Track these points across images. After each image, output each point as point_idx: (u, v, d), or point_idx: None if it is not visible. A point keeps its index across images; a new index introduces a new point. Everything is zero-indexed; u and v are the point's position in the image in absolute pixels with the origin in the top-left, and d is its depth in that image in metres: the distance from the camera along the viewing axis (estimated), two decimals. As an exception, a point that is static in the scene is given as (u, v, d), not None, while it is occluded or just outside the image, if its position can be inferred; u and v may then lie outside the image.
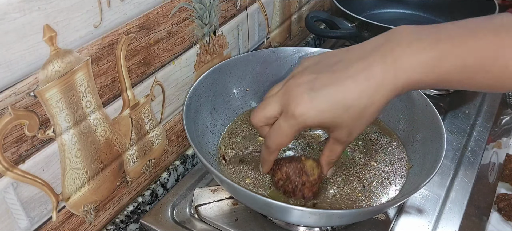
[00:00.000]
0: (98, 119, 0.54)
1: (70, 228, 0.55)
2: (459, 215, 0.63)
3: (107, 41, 0.51)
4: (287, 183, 0.54)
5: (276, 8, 0.87)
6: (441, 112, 0.79)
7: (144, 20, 0.55)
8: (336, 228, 0.60)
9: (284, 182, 0.54)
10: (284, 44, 0.95)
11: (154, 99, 0.62)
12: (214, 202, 0.63)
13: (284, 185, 0.54)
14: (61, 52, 0.46)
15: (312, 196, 0.54)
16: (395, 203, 0.54)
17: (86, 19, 0.47)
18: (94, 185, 0.56)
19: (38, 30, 0.43)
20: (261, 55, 0.74)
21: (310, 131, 0.69)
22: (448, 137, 0.73)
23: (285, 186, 0.54)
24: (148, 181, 0.66)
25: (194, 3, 0.63)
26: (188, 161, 0.72)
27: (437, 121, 0.61)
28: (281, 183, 0.54)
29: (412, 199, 0.65)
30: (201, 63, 0.69)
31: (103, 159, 0.56)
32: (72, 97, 0.49)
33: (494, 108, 0.84)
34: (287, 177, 0.54)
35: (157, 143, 0.65)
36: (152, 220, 0.62)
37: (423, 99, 0.65)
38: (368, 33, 0.84)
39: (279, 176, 0.54)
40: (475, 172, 0.70)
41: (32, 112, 0.45)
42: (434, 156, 0.58)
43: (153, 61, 0.59)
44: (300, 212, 0.49)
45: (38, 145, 0.47)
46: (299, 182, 0.53)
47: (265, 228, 0.60)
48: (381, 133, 0.69)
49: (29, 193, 0.48)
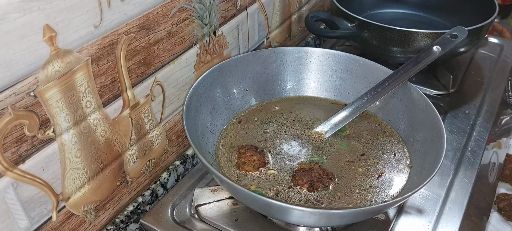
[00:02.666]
0: (98, 119, 0.54)
1: (70, 228, 0.55)
2: (459, 215, 0.63)
3: (107, 41, 0.51)
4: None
5: (276, 8, 0.87)
6: (441, 112, 0.79)
7: (144, 20, 0.55)
8: (336, 228, 0.60)
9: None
10: (284, 44, 0.95)
11: (154, 99, 0.62)
12: (214, 202, 0.63)
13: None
14: (61, 52, 0.46)
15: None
16: (395, 203, 0.54)
17: (86, 19, 0.47)
18: (94, 185, 0.56)
19: (38, 30, 0.43)
20: (261, 55, 0.75)
21: (313, 129, 0.69)
22: (448, 137, 0.73)
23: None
24: (148, 181, 0.66)
25: (194, 3, 0.63)
26: (188, 161, 0.72)
27: (437, 121, 0.61)
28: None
29: (412, 199, 0.65)
30: (201, 63, 0.69)
31: (103, 159, 0.56)
32: (72, 97, 0.49)
33: (494, 108, 0.84)
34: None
35: (157, 143, 0.65)
36: (152, 220, 0.62)
37: (423, 99, 0.65)
38: (368, 33, 0.84)
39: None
40: (475, 172, 0.70)
41: (32, 112, 0.45)
42: (434, 156, 0.58)
43: (153, 61, 0.59)
44: (300, 212, 0.49)
45: (38, 145, 0.47)
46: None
47: (265, 228, 0.60)
48: (381, 133, 0.69)
49: (29, 193, 0.48)
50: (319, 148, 0.66)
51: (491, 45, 1.03)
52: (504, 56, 0.99)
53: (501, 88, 0.89)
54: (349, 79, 0.75)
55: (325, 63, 0.76)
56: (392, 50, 0.83)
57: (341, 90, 0.76)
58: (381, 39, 0.83)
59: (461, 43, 0.72)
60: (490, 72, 0.94)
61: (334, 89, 0.77)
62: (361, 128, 0.70)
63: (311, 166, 0.62)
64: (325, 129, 0.68)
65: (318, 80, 0.77)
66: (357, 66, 0.75)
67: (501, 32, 1.30)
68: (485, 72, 0.94)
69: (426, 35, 0.78)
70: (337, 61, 0.76)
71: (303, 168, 0.61)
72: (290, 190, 0.59)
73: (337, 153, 0.65)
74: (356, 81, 0.75)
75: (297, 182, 0.59)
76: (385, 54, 0.85)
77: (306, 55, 0.76)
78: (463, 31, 0.70)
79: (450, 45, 0.69)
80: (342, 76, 0.76)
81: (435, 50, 0.68)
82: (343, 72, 0.76)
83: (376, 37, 0.83)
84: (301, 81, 0.77)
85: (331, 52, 0.76)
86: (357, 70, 0.75)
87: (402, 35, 0.80)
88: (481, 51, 1.01)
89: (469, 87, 0.89)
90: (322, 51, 0.76)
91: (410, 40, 0.80)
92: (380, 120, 0.72)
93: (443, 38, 0.70)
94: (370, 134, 0.69)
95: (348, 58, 0.75)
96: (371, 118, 0.72)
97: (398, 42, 0.81)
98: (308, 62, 0.76)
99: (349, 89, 0.76)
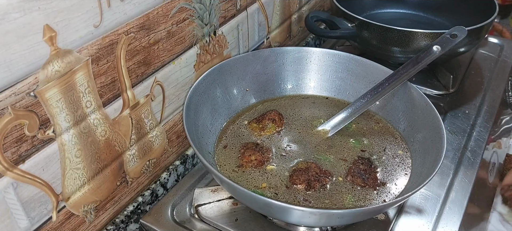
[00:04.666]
0: (98, 119, 0.54)
1: (70, 228, 0.55)
2: (459, 215, 0.63)
3: (107, 41, 0.51)
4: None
5: (276, 8, 0.87)
6: (441, 112, 0.79)
7: (144, 20, 0.55)
8: (336, 228, 0.60)
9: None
10: (284, 44, 0.95)
11: (154, 99, 0.62)
12: (214, 202, 0.63)
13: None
14: (61, 52, 0.46)
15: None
16: (395, 203, 0.54)
17: (86, 19, 0.47)
18: (94, 185, 0.56)
19: (38, 30, 0.43)
20: (261, 55, 0.74)
21: (317, 128, 0.69)
22: (448, 137, 0.73)
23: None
24: (148, 181, 0.66)
25: (194, 3, 0.63)
26: (188, 161, 0.72)
27: (437, 121, 0.61)
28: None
29: (412, 199, 0.65)
30: (201, 63, 0.69)
31: (103, 159, 0.56)
32: (72, 97, 0.49)
33: (494, 109, 0.84)
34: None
35: (157, 143, 0.65)
36: (152, 220, 0.62)
37: (423, 99, 0.65)
38: (368, 33, 0.84)
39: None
40: (475, 172, 0.70)
41: (32, 112, 0.45)
42: (434, 156, 0.58)
43: (153, 61, 0.59)
44: (300, 212, 0.49)
45: (38, 145, 0.47)
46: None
47: (265, 228, 0.60)
48: (382, 132, 0.69)
49: (29, 193, 0.48)
50: (322, 147, 0.66)
51: (491, 45, 1.03)
52: (504, 56, 1.00)
53: (501, 88, 0.89)
54: (349, 79, 0.75)
55: (325, 63, 0.76)
56: (392, 50, 0.83)
57: (341, 90, 0.76)
58: (381, 39, 0.83)
59: (461, 43, 0.72)
60: (490, 72, 0.94)
61: (334, 89, 0.77)
62: (362, 128, 0.70)
63: (308, 165, 0.62)
64: (326, 128, 0.69)
65: (318, 80, 0.77)
66: (357, 66, 0.75)
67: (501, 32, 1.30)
68: (485, 72, 0.94)
69: (426, 35, 0.78)
70: (337, 61, 0.76)
71: (300, 168, 0.61)
72: (287, 189, 0.59)
73: (337, 153, 0.65)
74: (356, 81, 0.75)
75: (295, 181, 0.59)
76: (385, 54, 0.85)
77: (306, 55, 0.76)
78: (463, 31, 0.70)
79: (450, 45, 0.69)
80: (342, 76, 0.76)
81: (435, 50, 0.68)
82: (343, 72, 0.76)
83: (376, 37, 0.83)
84: (301, 81, 0.77)
85: (331, 52, 0.76)
86: (357, 70, 0.75)
87: (402, 35, 0.80)
88: (481, 51, 1.01)
89: (469, 87, 0.89)
90: (322, 51, 0.76)
91: (410, 40, 0.80)
92: (381, 119, 0.72)
93: (443, 38, 0.70)
94: (370, 133, 0.69)
95: (348, 58, 0.75)
96: (372, 117, 0.72)
97: (398, 42, 0.81)
98: (308, 62, 0.76)
99: (349, 89, 0.76)
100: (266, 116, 0.70)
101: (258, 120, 0.70)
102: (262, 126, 0.69)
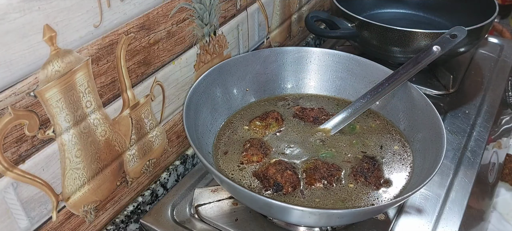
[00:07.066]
0: (98, 119, 0.54)
1: (70, 228, 0.55)
2: (459, 215, 0.63)
3: (107, 41, 0.51)
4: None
5: (276, 8, 0.87)
6: (441, 112, 0.79)
7: (144, 20, 0.55)
8: (336, 228, 0.60)
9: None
10: (284, 44, 0.95)
11: (154, 99, 0.62)
12: (214, 202, 0.63)
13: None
14: (61, 52, 0.46)
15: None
16: (395, 203, 0.54)
17: (86, 19, 0.47)
18: (94, 185, 0.56)
19: (38, 30, 0.43)
20: (261, 55, 0.74)
21: (320, 126, 0.69)
22: (448, 137, 0.73)
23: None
24: (148, 181, 0.66)
25: (194, 3, 0.63)
26: (188, 161, 0.72)
27: (437, 120, 0.61)
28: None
29: (412, 199, 0.65)
30: (201, 63, 0.70)
31: (103, 159, 0.56)
32: (72, 97, 0.49)
33: (494, 109, 0.84)
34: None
35: (157, 143, 0.65)
36: (152, 220, 0.62)
37: (423, 99, 0.65)
38: (368, 33, 0.84)
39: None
40: (475, 172, 0.70)
41: (32, 112, 0.45)
42: (434, 156, 0.58)
43: (153, 61, 0.59)
44: (300, 212, 0.49)
45: (38, 145, 0.47)
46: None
47: (265, 228, 0.60)
48: (382, 132, 0.69)
49: (29, 193, 0.48)
50: (323, 146, 0.66)
51: (491, 45, 1.03)
52: (504, 56, 1.00)
53: (501, 88, 0.89)
54: (349, 79, 0.75)
55: (325, 63, 0.76)
56: (392, 50, 0.83)
57: (341, 90, 0.76)
58: (381, 39, 0.83)
59: (461, 43, 0.72)
60: (490, 72, 0.94)
61: (334, 89, 0.77)
62: (362, 127, 0.70)
63: (316, 163, 0.62)
64: (328, 127, 0.69)
65: (318, 80, 0.77)
66: (357, 66, 0.75)
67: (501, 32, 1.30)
68: (485, 72, 0.94)
69: (426, 35, 0.78)
70: (337, 61, 0.76)
71: (310, 167, 0.61)
72: (306, 191, 0.59)
73: (338, 152, 0.65)
74: (356, 81, 0.75)
75: (311, 182, 0.59)
76: (385, 54, 0.85)
77: (306, 55, 0.76)
78: (463, 31, 0.70)
79: (449, 45, 0.69)
80: (342, 76, 0.76)
81: (435, 50, 0.68)
82: (343, 72, 0.76)
83: (376, 37, 0.83)
84: (301, 81, 0.77)
85: (331, 52, 0.76)
86: (357, 70, 0.75)
87: (402, 35, 0.80)
88: (481, 51, 1.01)
89: (469, 87, 0.89)
90: (322, 51, 0.76)
91: (410, 40, 0.80)
92: (381, 119, 0.72)
93: (443, 38, 0.70)
94: (370, 132, 0.69)
95: (348, 58, 0.75)
96: (372, 117, 0.72)
97: (398, 42, 0.81)
98: (308, 62, 0.76)
99: (349, 89, 0.76)
100: (269, 115, 0.70)
101: (262, 118, 0.70)
102: (266, 124, 0.69)
